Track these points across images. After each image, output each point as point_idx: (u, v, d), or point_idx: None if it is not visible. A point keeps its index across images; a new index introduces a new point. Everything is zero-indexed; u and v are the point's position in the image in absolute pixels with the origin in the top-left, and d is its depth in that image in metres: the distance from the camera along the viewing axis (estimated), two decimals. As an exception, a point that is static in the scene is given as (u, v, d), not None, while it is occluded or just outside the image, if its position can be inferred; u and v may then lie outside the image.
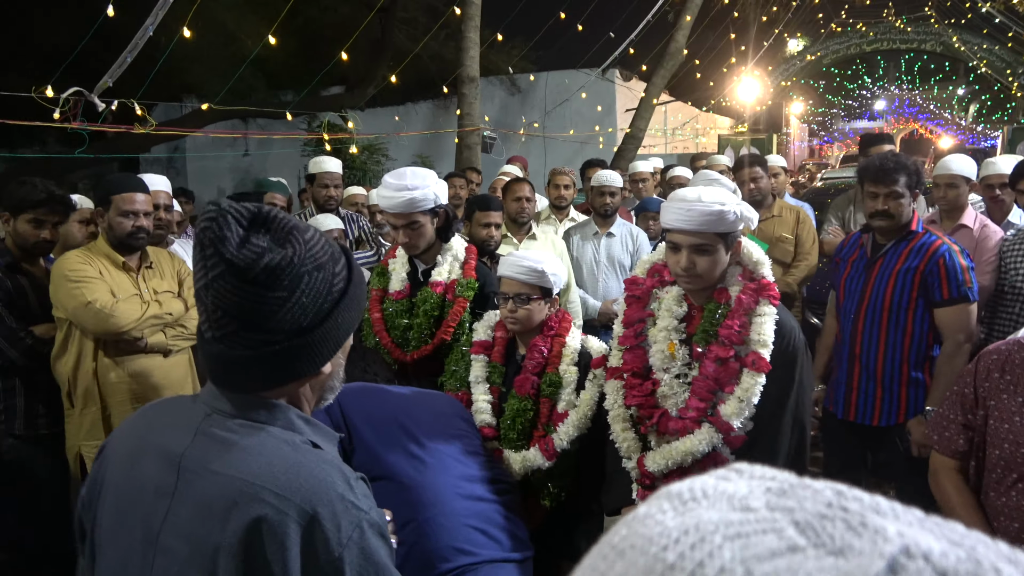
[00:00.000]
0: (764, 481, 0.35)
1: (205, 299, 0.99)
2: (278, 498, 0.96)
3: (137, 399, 2.87)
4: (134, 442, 1.10)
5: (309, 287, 1.00)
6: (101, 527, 1.08)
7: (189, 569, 0.98)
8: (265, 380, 1.03)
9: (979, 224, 3.76)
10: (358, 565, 0.98)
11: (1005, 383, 1.75)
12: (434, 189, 2.67)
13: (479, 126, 7.47)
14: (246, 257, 0.96)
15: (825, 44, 22.85)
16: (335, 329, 1.05)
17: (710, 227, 1.83)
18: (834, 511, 0.32)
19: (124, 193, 2.84)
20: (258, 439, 1.02)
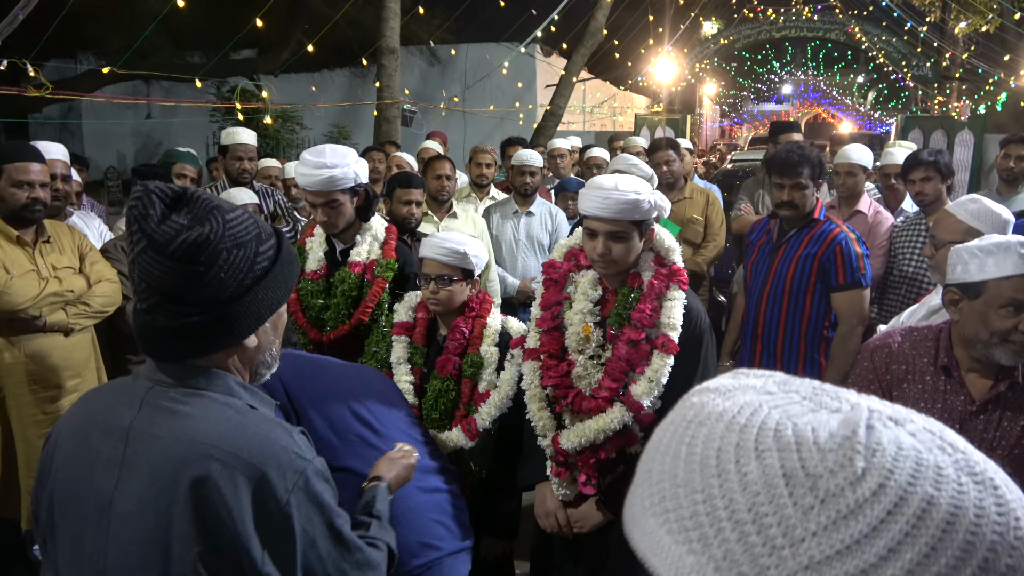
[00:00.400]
0: (765, 377, 0.50)
1: (132, 273, 1.08)
2: (225, 454, 1.05)
3: (35, 380, 2.73)
4: (78, 424, 1.15)
5: (227, 263, 1.07)
6: (54, 509, 1.12)
7: (144, 527, 1.04)
8: (187, 350, 1.11)
9: (873, 211, 4.03)
10: (305, 508, 1.08)
11: (903, 372, 1.90)
12: (354, 168, 2.63)
13: (399, 99, 7.35)
14: (165, 233, 1.04)
15: (738, 29, 23.53)
16: (256, 304, 1.12)
17: (626, 215, 1.90)
18: (818, 391, 0.49)
19: (17, 162, 2.66)
20: (201, 404, 1.10)
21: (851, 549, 0.39)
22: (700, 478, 0.44)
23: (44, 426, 2.77)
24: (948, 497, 0.39)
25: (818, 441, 0.42)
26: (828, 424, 0.43)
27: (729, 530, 0.41)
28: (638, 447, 1.99)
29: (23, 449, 2.74)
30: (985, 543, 0.39)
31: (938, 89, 19.57)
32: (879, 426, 0.43)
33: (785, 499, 0.41)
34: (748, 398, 0.47)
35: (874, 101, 35.56)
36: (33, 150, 2.77)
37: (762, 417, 0.45)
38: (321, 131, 16.30)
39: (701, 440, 0.46)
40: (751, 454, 0.43)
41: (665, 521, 0.45)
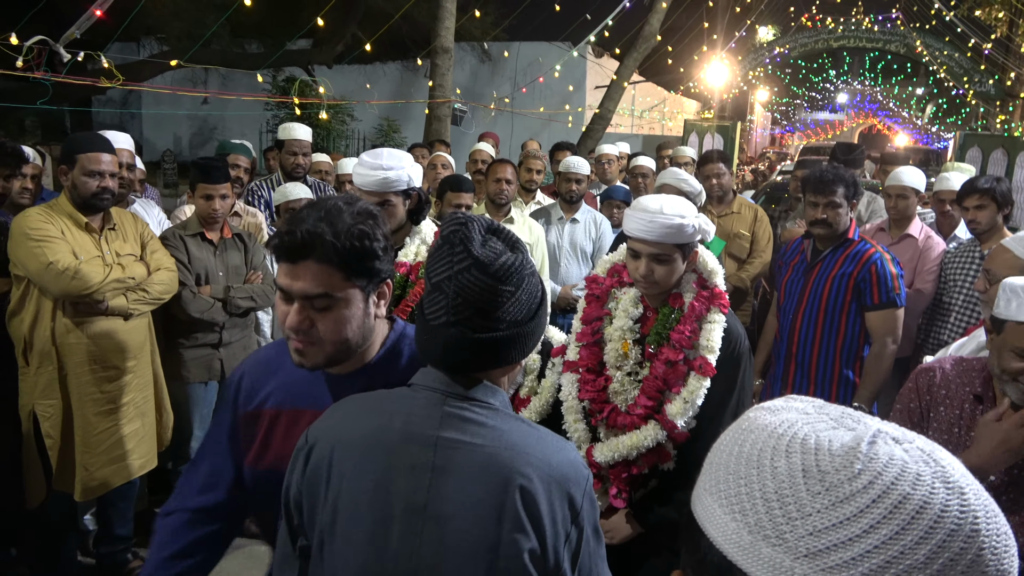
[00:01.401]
0: (808, 402, 0.67)
1: (447, 289, 1.19)
2: (540, 463, 1.16)
3: (95, 361, 2.87)
4: (362, 432, 1.23)
5: (528, 287, 1.23)
6: (338, 510, 1.19)
7: (472, 527, 1.14)
8: (487, 363, 1.23)
9: (924, 235, 3.96)
10: (589, 512, 1.21)
11: (942, 397, 1.94)
12: (409, 171, 2.70)
13: (450, 98, 7.43)
14: (487, 255, 1.18)
15: (794, 37, 23.12)
16: (538, 327, 1.27)
17: (669, 239, 1.92)
18: (845, 415, 0.64)
19: (90, 153, 2.79)
20: (501, 417, 1.22)
21: (843, 524, 0.55)
22: (744, 469, 0.61)
23: (101, 404, 2.91)
24: (920, 496, 0.55)
25: (831, 448, 0.58)
26: (842, 438, 0.59)
27: (760, 505, 0.59)
28: (670, 464, 2.02)
29: (80, 426, 2.88)
30: (945, 530, 0.54)
31: (1000, 107, 18.96)
32: (880, 442, 0.58)
33: (801, 486, 0.57)
34: (789, 416, 0.63)
35: (932, 115, 34.58)
36: (104, 141, 2.90)
37: (795, 430, 0.61)
38: (371, 124, 16.52)
39: (749, 443, 0.63)
40: (782, 454, 0.60)
41: (719, 499, 0.63)
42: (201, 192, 3.28)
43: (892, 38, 21.61)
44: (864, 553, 0.54)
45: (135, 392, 3.01)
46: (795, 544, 0.56)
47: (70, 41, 4.14)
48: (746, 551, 0.58)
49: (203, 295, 3.28)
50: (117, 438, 2.95)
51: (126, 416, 2.97)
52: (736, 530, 0.59)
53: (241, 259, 3.47)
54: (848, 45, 23.12)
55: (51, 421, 2.85)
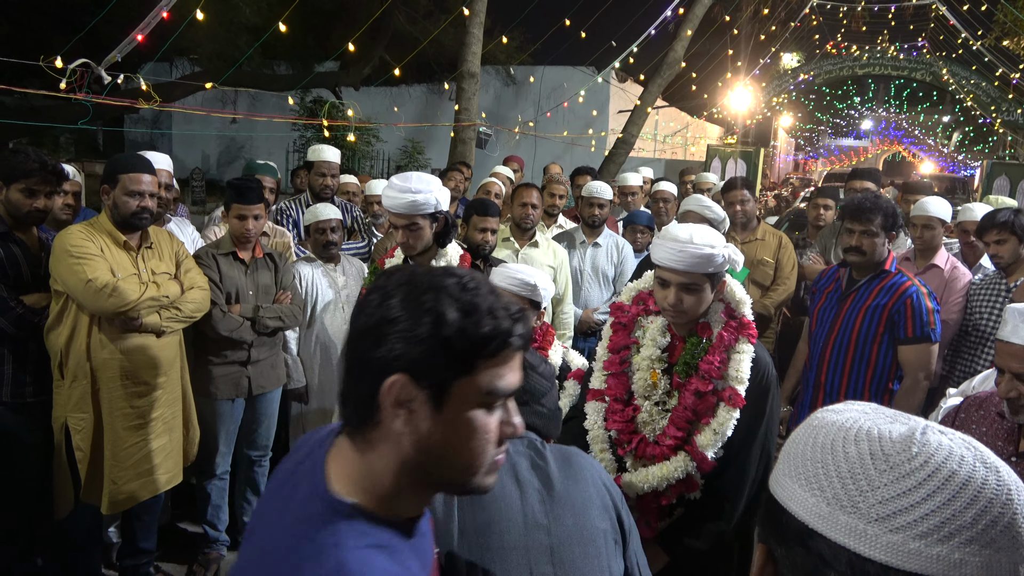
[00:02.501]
0: (866, 405, 0.80)
1: None
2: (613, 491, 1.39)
3: (127, 376, 2.92)
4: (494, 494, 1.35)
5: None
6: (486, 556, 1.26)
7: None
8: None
9: (950, 265, 3.93)
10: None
11: (978, 417, 2.05)
12: (436, 195, 2.76)
13: (476, 122, 7.52)
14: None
15: (819, 64, 23.11)
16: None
17: (699, 268, 1.93)
18: (898, 414, 0.77)
19: (132, 173, 2.87)
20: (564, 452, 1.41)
21: (905, 493, 0.68)
22: (820, 455, 0.74)
23: (131, 419, 2.96)
24: (965, 472, 0.68)
25: (892, 436, 0.72)
26: (900, 429, 0.73)
27: (836, 482, 0.72)
28: (697, 493, 2.02)
29: (110, 439, 2.93)
30: (985, 499, 0.67)
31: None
32: (930, 432, 0.72)
33: (870, 465, 0.71)
34: (852, 415, 0.77)
35: (958, 143, 34.29)
36: (145, 162, 2.98)
37: (860, 423, 0.75)
38: (396, 145, 16.73)
39: (822, 435, 0.76)
40: (852, 442, 0.73)
41: (798, 480, 0.75)
42: (235, 212, 3.36)
43: (918, 66, 21.53)
44: (923, 516, 0.67)
45: (164, 408, 3.06)
46: (867, 511, 0.69)
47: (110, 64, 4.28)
48: (825, 519, 0.71)
49: (232, 314, 3.34)
50: (145, 452, 3.00)
51: (155, 431, 3.02)
52: (816, 504, 0.72)
53: (271, 279, 3.53)
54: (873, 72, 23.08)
55: (82, 434, 2.90)
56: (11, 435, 2.98)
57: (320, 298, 3.80)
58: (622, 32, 10.86)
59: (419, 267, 1.27)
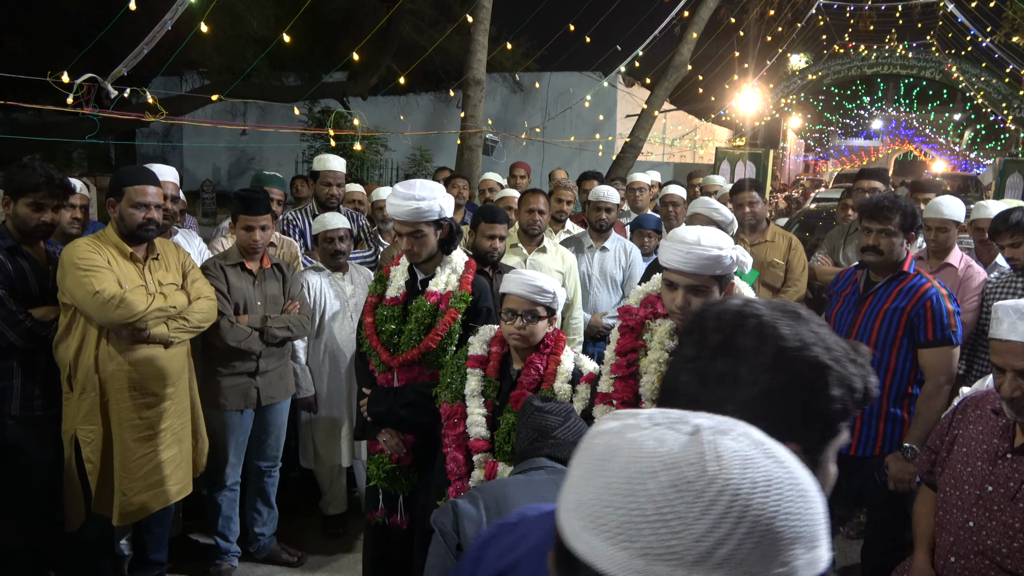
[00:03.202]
0: (638, 415, 0.70)
1: None
2: None
3: (135, 387, 2.93)
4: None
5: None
6: None
7: None
8: None
9: (964, 264, 3.87)
10: None
11: (975, 417, 2.01)
12: (441, 202, 2.75)
13: (482, 129, 7.53)
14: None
15: (827, 64, 23.02)
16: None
17: (707, 270, 1.91)
18: (672, 418, 0.68)
19: (137, 185, 2.89)
20: None
21: (718, 523, 0.60)
22: (618, 499, 0.63)
23: (140, 430, 2.96)
24: (761, 476, 0.62)
25: (686, 458, 0.62)
26: (683, 443, 0.64)
27: (646, 528, 0.61)
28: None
29: (120, 451, 2.93)
30: (785, 498, 0.61)
31: (1042, 132, 18.59)
32: (716, 439, 0.64)
33: (676, 501, 0.61)
34: (632, 436, 0.66)
35: (970, 141, 34.02)
36: (150, 174, 3.00)
37: (646, 448, 0.64)
38: (404, 153, 16.79)
39: (613, 472, 0.64)
40: (648, 476, 0.62)
41: (600, 533, 0.63)
42: (243, 223, 3.36)
43: (927, 64, 21.38)
44: (738, 544, 0.60)
45: (173, 419, 3.06)
46: (684, 555, 0.60)
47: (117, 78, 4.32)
48: (642, 575, 0.61)
49: (241, 324, 3.34)
50: (155, 464, 3.00)
51: (164, 442, 3.02)
52: (628, 559, 0.61)
53: (279, 289, 3.54)
54: (882, 72, 22.94)
55: (92, 446, 2.91)
56: (20, 449, 2.99)
57: (328, 307, 3.80)
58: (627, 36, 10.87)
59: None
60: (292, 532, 3.92)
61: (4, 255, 2.91)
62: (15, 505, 3.06)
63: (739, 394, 0.85)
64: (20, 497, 3.04)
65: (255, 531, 3.69)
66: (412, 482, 2.89)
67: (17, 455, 3.00)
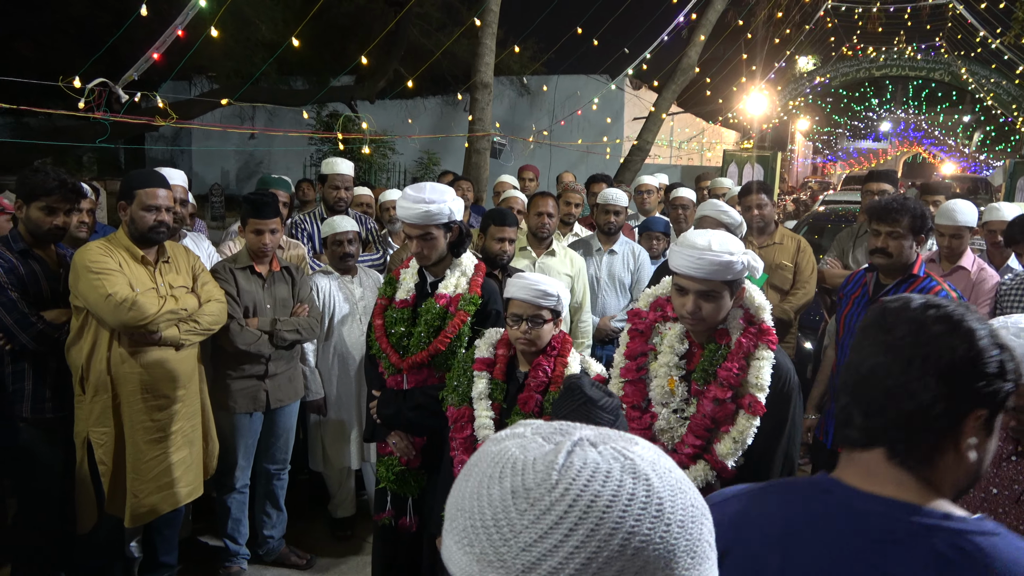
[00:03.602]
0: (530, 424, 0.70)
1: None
2: None
3: (147, 390, 2.94)
4: None
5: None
6: None
7: None
8: None
9: (976, 267, 3.84)
10: None
11: None
12: (451, 205, 2.75)
13: (490, 132, 7.54)
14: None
15: (835, 66, 22.95)
16: None
17: (717, 276, 1.90)
18: (556, 431, 0.67)
19: (147, 188, 2.90)
20: None
21: (547, 534, 0.59)
22: (468, 503, 0.64)
23: (151, 432, 2.97)
24: (609, 491, 0.59)
25: (535, 465, 0.62)
26: (543, 452, 0.63)
27: (482, 534, 0.61)
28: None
29: (131, 453, 2.95)
30: (632, 516, 0.59)
31: (1053, 134, 18.46)
32: (577, 449, 0.63)
33: (511, 507, 0.61)
34: (507, 443, 0.66)
35: (980, 142, 33.83)
36: (161, 177, 3.01)
37: (508, 455, 0.64)
38: (412, 157, 16.81)
39: (474, 476, 0.65)
40: (496, 481, 0.63)
41: (453, 536, 0.64)
42: (252, 227, 3.38)
43: (936, 66, 21.29)
44: (567, 556, 0.58)
45: (183, 421, 3.07)
46: (512, 563, 0.59)
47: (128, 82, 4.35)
48: None
49: (250, 328, 3.35)
50: (166, 466, 3.01)
51: (175, 444, 3.04)
52: (468, 563, 0.62)
53: (288, 292, 3.55)
54: (891, 74, 22.86)
55: (104, 448, 2.92)
56: (32, 451, 3.01)
57: (337, 310, 3.81)
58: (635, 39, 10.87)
59: None
60: (301, 535, 3.93)
61: (16, 258, 2.93)
62: (26, 506, 3.09)
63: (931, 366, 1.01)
64: (31, 498, 3.07)
65: (264, 533, 3.70)
66: (421, 484, 2.89)
67: (28, 457, 3.02)
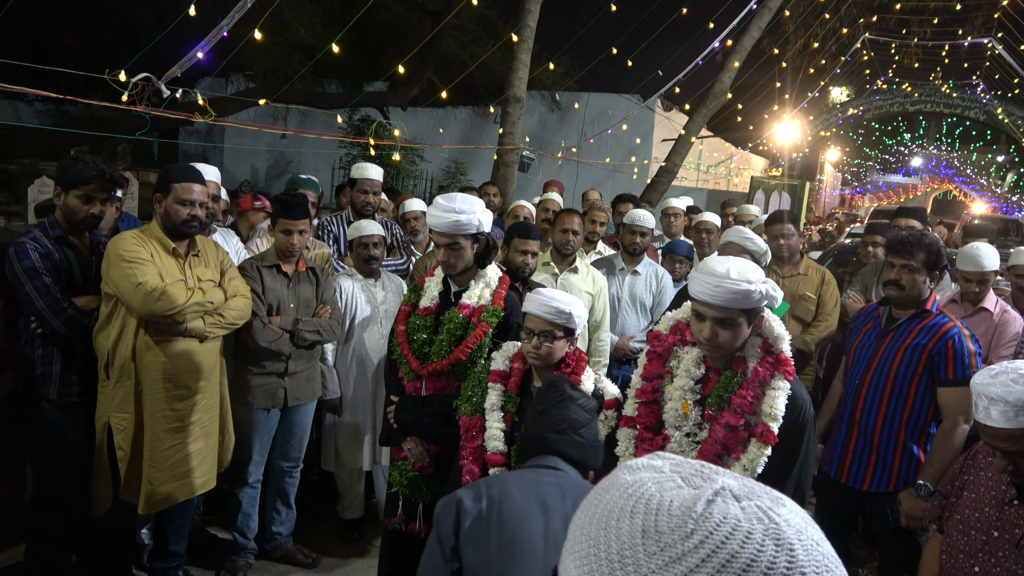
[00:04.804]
0: (668, 459, 0.68)
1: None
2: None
3: (169, 379, 3.00)
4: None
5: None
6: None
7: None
8: None
9: (999, 309, 3.81)
10: None
11: (986, 463, 2.02)
12: (480, 216, 2.79)
13: (519, 146, 7.60)
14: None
15: (869, 99, 22.81)
16: None
17: (735, 304, 1.91)
18: (696, 474, 0.64)
19: (183, 183, 2.99)
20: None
21: None
22: (595, 529, 0.63)
23: (170, 421, 3.03)
24: (748, 554, 0.56)
25: (670, 508, 0.60)
26: (683, 496, 0.60)
27: (605, 566, 0.60)
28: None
29: (150, 441, 3.01)
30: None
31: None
32: (719, 500, 0.60)
33: (639, 546, 0.59)
34: (643, 475, 0.64)
35: (1013, 183, 33.37)
36: (196, 173, 3.09)
37: (643, 489, 0.62)
38: (440, 165, 16.93)
39: (604, 503, 0.64)
40: (627, 515, 0.61)
41: (574, 558, 0.64)
42: (281, 227, 3.44)
43: (971, 104, 21.10)
44: None
45: (202, 412, 3.13)
46: None
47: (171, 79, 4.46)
48: None
49: (272, 326, 3.41)
50: (183, 455, 3.06)
51: (192, 435, 3.09)
52: None
53: (312, 292, 3.60)
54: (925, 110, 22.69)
55: (124, 433, 2.98)
56: (56, 432, 3.08)
57: (359, 312, 3.86)
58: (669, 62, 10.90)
59: None
60: (308, 534, 3.97)
61: (52, 244, 3.01)
62: (45, 487, 3.15)
63: None
64: (51, 479, 3.13)
65: (272, 530, 3.74)
66: (433, 491, 2.91)
67: (52, 439, 3.08)
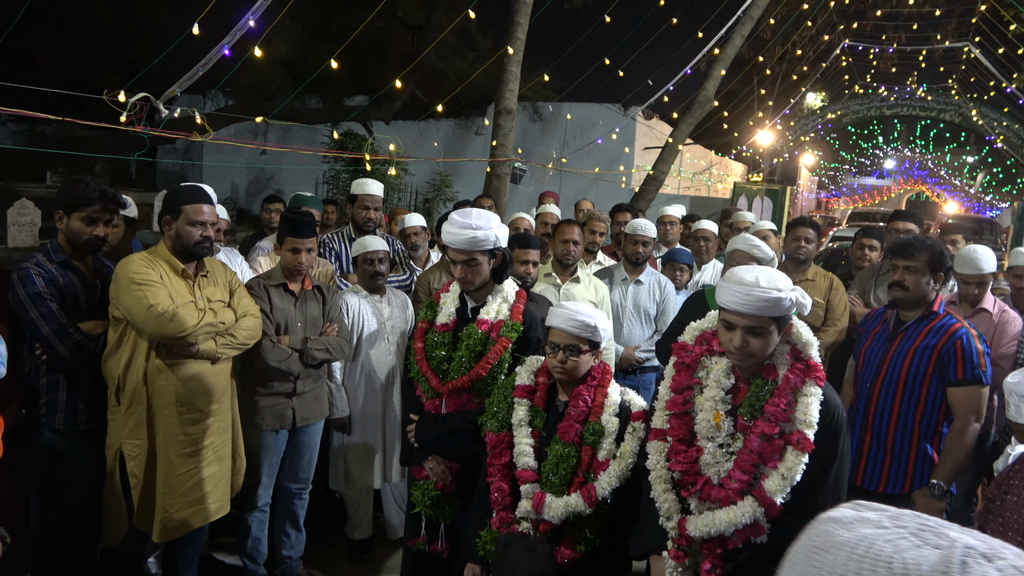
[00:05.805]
0: (880, 512, 0.62)
1: None
2: None
3: (182, 403, 2.95)
4: None
5: None
6: None
7: None
8: None
9: (998, 309, 3.88)
10: None
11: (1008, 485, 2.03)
12: (496, 231, 2.78)
13: (512, 157, 7.62)
14: None
15: (846, 104, 23.20)
16: None
17: (766, 312, 1.92)
18: (924, 527, 0.58)
19: (194, 204, 2.95)
20: None
21: None
22: None
23: (184, 446, 2.98)
24: None
25: (921, 573, 0.52)
26: (930, 559, 0.54)
27: None
28: (763, 537, 1.99)
29: (164, 467, 2.95)
30: None
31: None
32: (971, 563, 0.54)
33: None
34: (866, 531, 0.58)
35: (985, 183, 34.04)
36: (205, 193, 3.06)
37: (876, 550, 0.55)
38: (424, 178, 16.91)
39: (828, 566, 0.56)
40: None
41: None
42: (289, 245, 3.41)
43: (946, 107, 21.52)
44: None
45: (215, 436, 3.08)
46: None
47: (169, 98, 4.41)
48: None
49: (282, 345, 3.37)
50: (197, 480, 3.01)
51: (206, 459, 3.04)
52: None
53: (319, 311, 3.57)
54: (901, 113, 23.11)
55: (137, 460, 2.93)
56: (64, 461, 3.02)
57: (366, 329, 3.83)
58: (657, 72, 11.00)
59: None
60: (316, 555, 3.91)
61: (56, 269, 2.96)
62: (52, 517, 3.08)
63: None
64: (58, 509, 3.06)
65: (282, 553, 3.68)
66: (455, 509, 2.89)
67: (60, 468, 3.02)
